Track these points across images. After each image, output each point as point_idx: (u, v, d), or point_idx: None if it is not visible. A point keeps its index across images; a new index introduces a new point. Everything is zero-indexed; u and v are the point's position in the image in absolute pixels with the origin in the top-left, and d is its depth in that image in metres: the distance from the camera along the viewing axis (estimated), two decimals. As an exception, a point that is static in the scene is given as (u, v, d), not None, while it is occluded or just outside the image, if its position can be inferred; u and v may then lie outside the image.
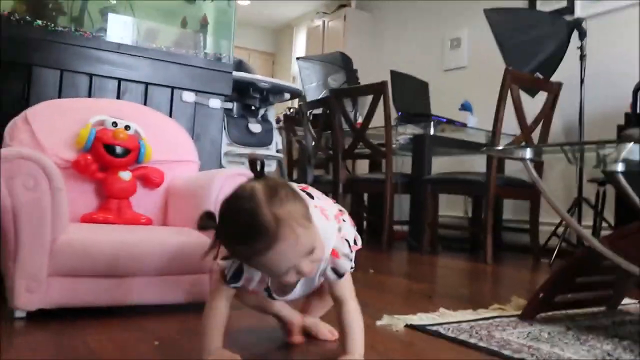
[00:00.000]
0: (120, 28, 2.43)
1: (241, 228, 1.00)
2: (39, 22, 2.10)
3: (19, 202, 1.41)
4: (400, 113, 4.05)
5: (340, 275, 1.15)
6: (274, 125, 3.56)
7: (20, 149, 1.51)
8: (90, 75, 2.14)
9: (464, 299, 2.11)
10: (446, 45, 5.35)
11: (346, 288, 1.19)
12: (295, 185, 1.14)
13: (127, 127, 1.90)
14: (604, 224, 3.45)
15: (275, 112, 3.81)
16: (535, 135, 3.50)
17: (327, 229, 1.14)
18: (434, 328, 1.51)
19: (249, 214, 0.98)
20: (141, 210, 1.89)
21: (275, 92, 3.43)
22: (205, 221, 1.04)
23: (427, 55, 5.55)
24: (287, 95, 3.60)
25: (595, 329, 1.59)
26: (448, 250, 4.01)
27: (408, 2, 5.90)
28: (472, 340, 1.39)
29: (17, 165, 1.43)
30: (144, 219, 1.86)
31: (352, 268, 1.18)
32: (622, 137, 3.03)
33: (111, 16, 2.44)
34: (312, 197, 1.22)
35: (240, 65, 3.45)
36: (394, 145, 3.83)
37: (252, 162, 1.07)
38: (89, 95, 2.13)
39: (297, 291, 1.21)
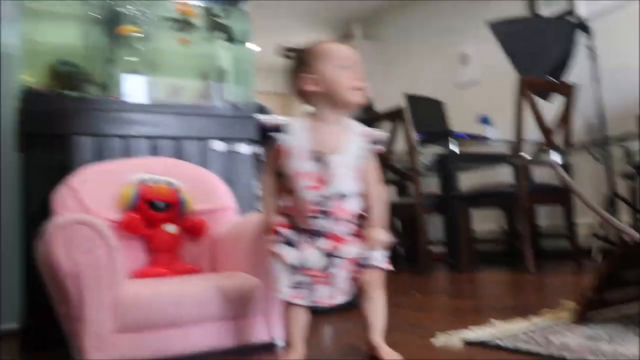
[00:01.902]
0: (144, 88, 2.54)
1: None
2: (73, 93, 2.21)
3: (78, 266, 1.49)
4: (420, 135, 4.09)
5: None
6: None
7: (74, 215, 1.58)
8: (125, 137, 2.23)
9: (513, 309, 2.11)
10: (456, 63, 5.42)
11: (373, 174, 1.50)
12: None
13: (166, 182, 1.97)
14: (641, 218, 3.43)
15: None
16: (557, 138, 3.52)
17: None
18: (491, 341, 1.52)
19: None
20: (189, 260, 1.96)
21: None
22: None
23: (438, 74, 5.62)
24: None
25: (652, 323, 1.59)
26: (488, 265, 3.99)
27: (412, 25, 6.01)
28: (533, 349, 1.40)
29: (74, 230, 1.50)
30: (194, 268, 1.92)
31: None
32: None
33: (134, 77, 2.55)
34: None
35: (262, 110, 3.54)
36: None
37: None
38: (125, 156, 2.22)
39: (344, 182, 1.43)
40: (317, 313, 2.26)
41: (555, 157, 1.74)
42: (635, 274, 1.75)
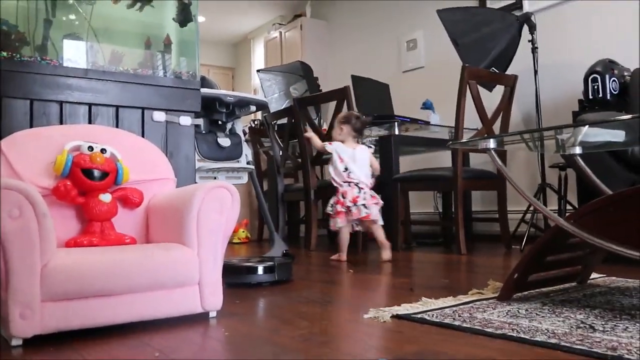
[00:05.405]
0: (84, 53, 2.45)
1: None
2: (4, 53, 2.12)
3: (5, 232, 1.44)
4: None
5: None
6: (243, 137, 3.61)
7: (2, 180, 1.53)
8: (61, 103, 2.15)
9: (443, 288, 2.19)
10: (403, 47, 5.49)
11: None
12: None
13: (103, 151, 1.92)
14: (568, 207, 3.60)
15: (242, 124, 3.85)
16: (496, 127, 3.64)
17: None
18: (419, 316, 1.58)
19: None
20: (123, 230, 1.92)
21: (241, 105, 3.47)
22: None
23: (385, 58, 5.68)
24: (253, 108, 3.65)
25: (568, 302, 1.69)
26: (422, 246, 4.11)
27: (362, 7, 6.03)
28: (456, 323, 1.47)
29: (1, 195, 1.45)
30: (128, 238, 1.89)
31: None
32: (577, 121, 3.18)
33: (73, 42, 2.46)
34: None
35: (203, 81, 3.48)
36: (361, 148, 3.91)
37: None
38: (61, 122, 2.14)
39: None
40: (251, 286, 2.28)
41: (492, 144, 1.80)
42: (558, 258, 1.84)
